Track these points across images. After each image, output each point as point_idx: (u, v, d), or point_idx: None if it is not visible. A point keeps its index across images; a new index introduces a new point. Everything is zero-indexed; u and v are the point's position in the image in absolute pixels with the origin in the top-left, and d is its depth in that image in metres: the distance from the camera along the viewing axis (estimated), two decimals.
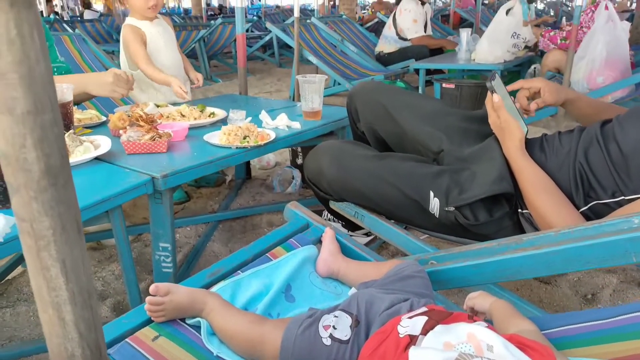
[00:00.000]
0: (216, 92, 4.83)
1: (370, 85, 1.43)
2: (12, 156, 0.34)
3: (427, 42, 4.17)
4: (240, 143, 1.33)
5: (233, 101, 2.09)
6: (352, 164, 1.18)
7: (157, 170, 1.13)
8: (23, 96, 0.32)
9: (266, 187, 2.17)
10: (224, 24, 5.59)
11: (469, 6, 8.20)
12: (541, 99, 1.16)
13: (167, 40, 1.94)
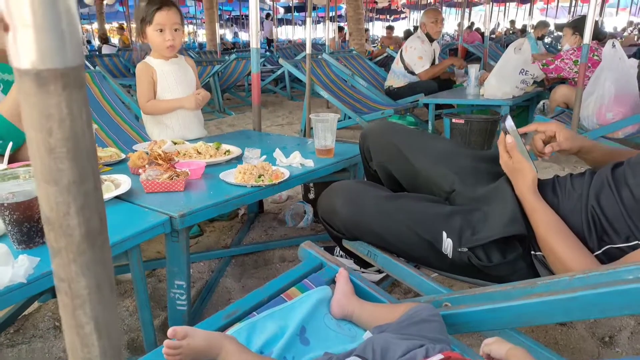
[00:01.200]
0: (229, 125, 4.92)
1: (382, 125, 1.46)
2: (55, 222, 0.36)
3: (433, 72, 4.24)
4: (255, 182, 1.36)
5: (247, 137, 2.14)
6: (365, 204, 1.20)
7: (174, 210, 1.15)
8: (69, 168, 0.35)
9: (278, 221, 2.19)
10: (238, 59, 5.74)
11: (475, 41, 8.35)
12: (557, 142, 1.17)
13: (179, 79, 2.00)
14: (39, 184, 0.35)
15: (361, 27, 7.86)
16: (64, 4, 0.31)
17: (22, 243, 0.96)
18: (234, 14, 20.51)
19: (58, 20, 0.31)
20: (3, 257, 0.86)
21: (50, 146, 0.33)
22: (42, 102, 0.32)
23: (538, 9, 18.79)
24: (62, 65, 0.32)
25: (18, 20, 0.30)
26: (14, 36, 0.31)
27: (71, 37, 0.32)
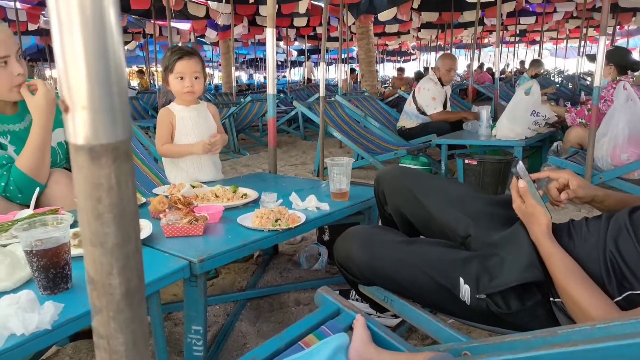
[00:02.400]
0: (244, 165, 5.00)
1: (395, 169, 1.49)
2: (98, 282, 0.38)
3: (445, 116, 4.30)
4: (272, 226, 1.38)
5: (262, 180, 2.18)
6: (381, 250, 1.21)
7: (194, 255, 1.17)
8: (114, 232, 0.37)
9: (293, 263, 2.20)
10: (253, 101, 5.90)
11: (486, 81, 8.48)
12: (572, 190, 1.18)
13: (198, 124, 2.08)
14: (85, 246, 0.38)
15: (373, 69, 8.08)
16: (117, 87, 0.35)
17: (47, 289, 0.99)
18: (249, 57, 21.18)
19: (111, 101, 0.35)
20: (30, 303, 0.88)
21: (99, 212, 0.37)
22: (94, 173, 0.35)
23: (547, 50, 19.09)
24: (113, 140, 0.35)
25: (77, 103, 0.34)
26: (72, 116, 0.34)
27: (122, 114, 0.36)
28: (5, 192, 1.52)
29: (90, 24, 0.32)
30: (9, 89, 1.54)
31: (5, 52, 1.48)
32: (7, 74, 1.51)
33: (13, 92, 1.55)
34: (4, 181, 1.51)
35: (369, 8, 7.35)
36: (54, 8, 0.32)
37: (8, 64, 1.50)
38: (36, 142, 1.56)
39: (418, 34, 12.69)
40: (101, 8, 0.32)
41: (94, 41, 0.33)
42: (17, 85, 1.54)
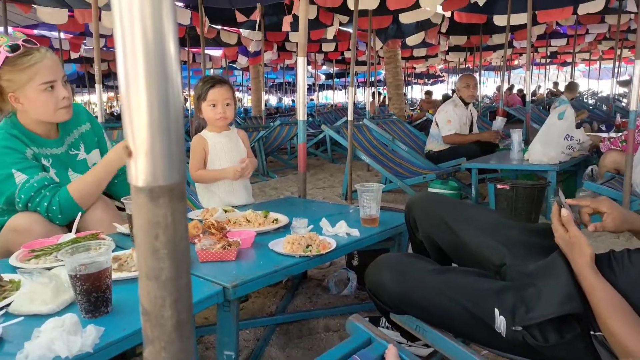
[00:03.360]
0: (272, 188, 5.06)
1: (426, 196, 1.49)
2: (152, 313, 0.41)
3: (459, 139, 4.24)
4: (304, 252, 1.39)
5: (292, 205, 2.21)
6: (413, 278, 1.20)
7: (227, 280, 1.20)
8: (168, 267, 0.40)
9: (322, 288, 2.20)
10: (282, 124, 6.01)
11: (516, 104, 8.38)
12: (601, 223, 1.16)
13: (229, 151, 2.14)
14: (141, 279, 0.41)
15: (400, 92, 8.11)
16: (175, 134, 0.38)
17: (89, 312, 1.02)
18: (277, 81, 21.63)
19: (170, 147, 0.38)
20: (73, 326, 0.92)
21: (155, 248, 0.39)
22: (152, 212, 0.38)
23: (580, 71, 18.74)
24: (170, 182, 0.38)
25: (140, 149, 0.37)
26: (135, 161, 0.38)
27: (178, 159, 0.39)
28: (47, 212, 1.58)
29: (154, 79, 0.36)
30: (55, 111, 1.64)
31: (52, 77, 1.59)
32: (53, 97, 1.61)
33: (58, 114, 1.65)
34: (47, 201, 1.57)
35: (397, 33, 7.44)
36: (122, 65, 0.36)
37: (55, 88, 1.61)
38: (98, 176, 1.66)
39: (446, 56, 12.71)
40: (164, 65, 0.36)
41: (157, 94, 0.36)
42: (62, 107, 1.64)
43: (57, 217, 1.59)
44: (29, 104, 1.60)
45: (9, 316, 1.03)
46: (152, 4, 0.34)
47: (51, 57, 1.60)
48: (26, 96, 1.58)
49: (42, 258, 1.36)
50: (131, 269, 1.25)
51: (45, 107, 1.61)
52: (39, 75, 1.55)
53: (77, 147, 1.81)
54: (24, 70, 1.54)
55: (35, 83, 1.56)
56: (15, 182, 1.54)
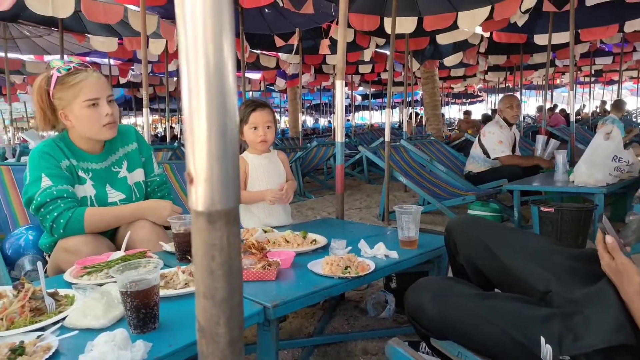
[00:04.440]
0: (309, 208, 5.10)
1: (467, 220, 1.47)
2: (207, 330, 0.43)
3: (517, 161, 4.16)
4: (342, 273, 1.40)
5: (330, 225, 2.22)
6: (454, 303, 1.18)
7: (268, 300, 1.22)
8: (223, 286, 0.43)
9: (360, 310, 2.18)
10: (319, 145, 6.08)
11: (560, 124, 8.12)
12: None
13: (268, 172, 2.19)
14: (198, 298, 0.44)
15: (438, 112, 8.06)
16: (232, 162, 0.41)
17: (137, 328, 1.07)
18: (314, 102, 21.95)
19: (226, 174, 0.41)
20: (124, 341, 0.96)
21: (212, 269, 0.42)
22: (210, 235, 0.41)
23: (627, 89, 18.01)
24: (226, 206, 0.41)
25: (200, 176, 0.40)
26: (196, 187, 0.41)
27: (233, 184, 0.42)
28: (53, 222, 1.62)
29: (214, 113, 0.39)
30: (99, 128, 1.72)
31: (96, 94, 1.69)
32: (97, 114, 1.70)
33: (102, 130, 1.73)
34: (57, 212, 1.61)
35: (434, 54, 7.44)
36: (187, 100, 0.39)
37: (98, 105, 1.70)
38: (121, 215, 1.74)
39: (485, 76, 12.55)
40: (224, 99, 0.39)
41: (216, 126, 0.39)
42: (105, 124, 1.72)
43: (58, 231, 1.63)
44: (75, 120, 1.70)
45: (64, 329, 1.09)
46: (214, 45, 0.37)
47: (97, 76, 1.71)
48: (73, 112, 1.69)
49: (93, 274, 1.43)
50: (177, 287, 1.30)
51: (89, 123, 1.70)
52: (84, 92, 1.66)
53: (119, 165, 1.89)
54: (71, 88, 1.66)
55: (80, 99, 1.67)
56: (40, 185, 1.63)
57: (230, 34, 0.38)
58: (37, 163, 1.66)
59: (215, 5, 0.37)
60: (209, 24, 0.37)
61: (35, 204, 1.62)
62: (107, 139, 1.80)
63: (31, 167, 1.66)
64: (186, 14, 0.37)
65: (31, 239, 1.94)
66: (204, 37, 0.37)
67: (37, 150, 1.70)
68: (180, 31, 0.38)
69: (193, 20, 0.37)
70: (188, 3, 0.36)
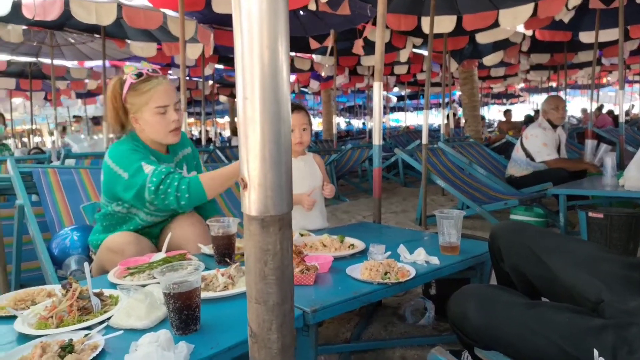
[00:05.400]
0: (344, 211, 5.08)
1: (513, 225, 1.41)
2: (259, 336, 0.43)
3: (564, 165, 3.99)
4: (382, 279, 1.38)
5: (367, 230, 2.19)
6: (500, 312, 1.14)
7: (307, 305, 1.21)
8: (276, 292, 0.42)
9: (398, 316, 2.14)
10: (353, 148, 6.05)
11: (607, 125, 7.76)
12: None
13: (304, 175, 2.19)
14: (250, 303, 0.43)
15: (477, 113, 7.87)
16: (285, 168, 0.40)
17: (179, 329, 1.08)
18: (348, 104, 21.91)
19: (280, 180, 0.40)
20: (167, 342, 0.97)
21: (264, 274, 0.41)
22: (263, 240, 0.40)
23: None
24: (279, 212, 0.40)
25: (254, 182, 0.40)
26: (249, 192, 0.40)
27: (287, 191, 0.41)
28: (177, 192, 1.65)
29: (268, 120, 0.38)
30: (166, 133, 1.80)
31: (165, 102, 1.77)
32: (165, 120, 1.78)
33: (168, 136, 1.81)
34: (177, 182, 1.66)
35: (473, 53, 7.27)
36: (242, 108, 0.38)
37: (167, 112, 1.78)
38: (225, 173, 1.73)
39: (527, 75, 12.16)
40: (279, 106, 0.38)
41: (270, 133, 0.39)
42: (172, 130, 1.80)
43: (184, 198, 1.66)
44: (145, 125, 1.79)
45: (109, 329, 1.11)
46: (270, 51, 0.36)
47: (167, 84, 1.79)
48: (143, 117, 1.77)
49: (136, 275, 1.46)
50: (216, 289, 1.31)
51: (157, 128, 1.78)
52: (154, 99, 1.74)
53: (181, 167, 1.97)
54: (142, 95, 1.75)
55: (150, 106, 1.75)
56: (144, 172, 1.67)
57: (285, 40, 0.37)
58: (131, 157, 1.71)
59: (272, 11, 0.36)
60: (265, 30, 0.36)
61: (152, 186, 1.65)
62: (172, 144, 1.87)
63: (125, 163, 1.71)
64: (242, 20, 0.36)
65: (76, 239, 2.02)
66: (259, 43, 0.36)
67: (123, 148, 1.75)
68: (237, 38, 0.37)
69: (249, 27, 0.36)
70: (244, 9, 0.36)
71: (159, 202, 1.69)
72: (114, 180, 1.72)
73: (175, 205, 1.68)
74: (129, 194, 1.69)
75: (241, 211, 1.76)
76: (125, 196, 1.72)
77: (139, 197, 1.69)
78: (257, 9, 0.35)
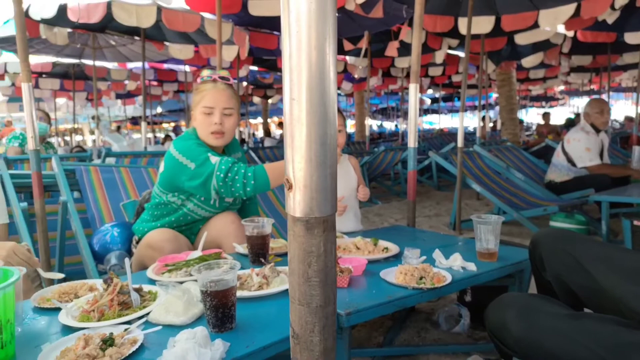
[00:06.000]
0: (376, 214, 5.04)
1: (557, 233, 1.36)
2: (302, 337, 0.42)
3: (607, 170, 3.82)
4: (417, 284, 1.35)
5: (401, 233, 2.17)
6: (542, 323, 1.10)
7: (340, 307, 1.20)
8: (319, 294, 0.41)
9: (431, 322, 2.10)
10: (386, 150, 6.00)
11: None
12: None
13: (340, 177, 2.18)
14: (293, 304, 0.43)
15: (514, 116, 7.66)
16: (330, 170, 0.40)
17: (215, 327, 1.10)
18: (381, 106, 21.76)
19: (325, 182, 0.40)
20: (204, 339, 0.99)
21: (308, 276, 0.41)
22: (308, 241, 0.40)
23: None
24: (324, 214, 0.40)
25: (299, 183, 0.39)
26: (294, 193, 0.40)
27: (331, 193, 0.40)
28: (244, 178, 1.71)
29: (315, 121, 0.38)
30: (207, 134, 1.87)
31: (212, 104, 1.85)
32: (207, 121, 1.86)
33: (210, 137, 1.87)
34: (244, 169, 1.72)
35: (512, 54, 7.08)
36: (289, 109, 0.38)
37: (212, 114, 1.85)
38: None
39: (567, 78, 11.75)
40: (325, 108, 0.38)
41: (317, 134, 0.38)
42: (212, 132, 1.85)
43: (250, 185, 1.71)
44: (195, 122, 1.89)
45: (148, 324, 1.14)
46: (317, 53, 0.36)
47: (223, 89, 1.87)
48: (195, 115, 1.88)
49: (174, 272, 1.49)
50: (251, 289, 1.32)
51: (201, 127, 1.87)
52: (204, 100, 1.85)
53: None
54: (198, 94, 1.88)
55: (200, 105, 1.86)
56: (211, 162, 1.74)
57: (333, 41, 0.37)
58: (198, 149, 1.79)
59: (320, 12, 0.35)
60: (313, 31, 0.36)
61: (220, 174, 1.71)
62: (213, 146, 1.91)
63: (192, 155, 1.78)
64: (291, 21, 0.36)
65: (116, 236, 2.08)
66: (307, 44, 0.36)
67: (189, 142, 1.83)
68: (285, 39, 0.37)
69: (298, 28, 0.36)
70: (293, 10, 0.36)
71: (226, 190, 1.74)
72: (179, 170, 1.79)
73: (241, 192, 1.73)
74: (195, 182, 1.76)
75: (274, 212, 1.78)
76: (188, 185, 1.78)
77: (204, 185, 1.75)
78: (305, 10, 0.35)
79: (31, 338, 1.11)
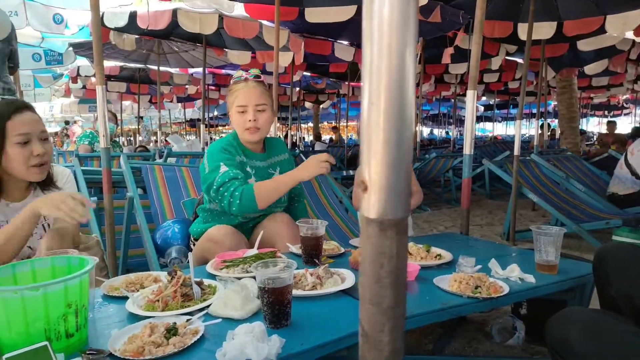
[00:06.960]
0: (425, 221, 4.97)
1: (626, 248, 1.30)
2: (371, 337, 0.44)
3: None
4: (472, 293, 1.33)
5: (453, 241, 2.13)
6: (609, 340, 1.05)
7: None
8: (389, 295, 0.43)
9: (484, 333, 2.05)
10: (438, 157, 5.90)
11: None
12: None
13: None
14: (363, 304, 0.44)
15: (575, 125, 7.30)
16: (405, 172, 0.41)
17: (272, 323, 1.13)
18: (432, 112, 21.36)
19: (399, 185, 0.41)
20: (261, 334, 1.03)
21: (379, 276, 0.42)
22: (380, 242, 0.42)
23: None
24: (398, 216, 0.41)
25: (375, 184, 0.41)
26: (369, 195, 0.42)
27: (405, 195, 0.42)
28: (230, 197, 1.76)
29: (393, 123, 0.40)
30: (242, 131, 1.92)
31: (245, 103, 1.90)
32: (242, 119, 1.90)
33: (245, 133, 1.92)
34: (233, 187, 1.77)
35: (573, 61, 6.75)
36: (367, 111, 0.40)
37: (245, 113, 1.89)
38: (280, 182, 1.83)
39: (634, 86, 11.04)
40: (403, 110, 0.39)
41: (394, 136, 0.40)
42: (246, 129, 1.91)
43: (235, 204, 1.76)
44: (232, 123, 1.97)
45: (208, 316, 1.19)
46: (398, 59, 0.38)
47: (254, 87, 1.92)
48: (231, 115, 1.96)
49: (231, 268, 1.55)
50: (305, 288, 1.35)
51: (238, 126, 1.94)
52: (237, 99, 1.92)
53: (274, 169, 2.07)
54: (231, 95, 1.95)
55: (234, 105, 1.93)
56: (219, 171, 1.82)
57: (413, 46, 0.38)
58: (217, 155, 1.87)
59: (403, 17, 0.37)
60: (394, 37, 0.38)
61: (215, 186, 1.80)
62: (250, 142, 1.97)
63: (210, 159, 1.87)
64: (373, 26, 0.38)
65: (177, 231, 2.19)
66: (388, 49, 0.38)
67: (217, 146, 1.92)
68: (366, 43, 0.39)
69: (379, 33, 0.38)
70: (376, 16, 0.38)
71: (218, 202, 1.83)
72: (202, 170, 1.89)
73: (227, 209, 1.79)
74: (203, 186, 1.86)
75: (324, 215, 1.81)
76: (203, 188, 1.87)
77: (207, 192, 1.85)
78: (388, 16, 0.37)
79: (101, 323, 1.19)
